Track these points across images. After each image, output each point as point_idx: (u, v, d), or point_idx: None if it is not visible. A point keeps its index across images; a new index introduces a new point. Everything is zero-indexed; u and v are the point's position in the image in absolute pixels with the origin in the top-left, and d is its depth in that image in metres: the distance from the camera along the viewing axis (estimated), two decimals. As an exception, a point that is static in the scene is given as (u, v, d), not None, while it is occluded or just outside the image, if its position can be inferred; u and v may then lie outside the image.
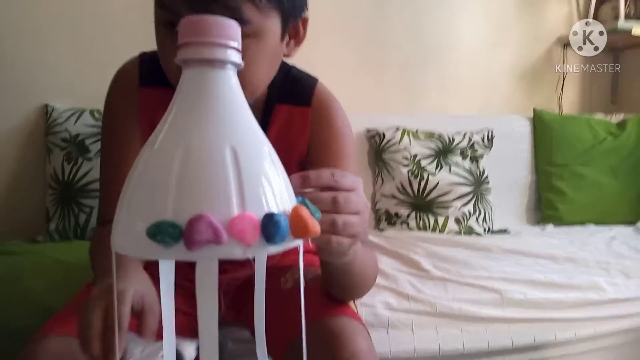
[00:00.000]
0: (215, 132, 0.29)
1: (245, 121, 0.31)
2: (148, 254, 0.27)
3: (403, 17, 2.11)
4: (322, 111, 0.82)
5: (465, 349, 1.12)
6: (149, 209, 0.28)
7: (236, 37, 0.31)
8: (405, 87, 2.14)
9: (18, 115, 1.63)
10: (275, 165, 0.31)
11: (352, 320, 0.74)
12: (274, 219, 0.28)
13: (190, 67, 0.31)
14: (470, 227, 1.75)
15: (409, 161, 1.78)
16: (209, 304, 0.30)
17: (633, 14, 2.25)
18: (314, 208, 0.34)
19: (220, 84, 0.31)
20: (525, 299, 1.21)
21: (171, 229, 0.26)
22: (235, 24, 0.31)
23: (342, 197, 0.44)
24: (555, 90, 2.39)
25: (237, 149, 0.29)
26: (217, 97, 0.30)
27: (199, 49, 0.30)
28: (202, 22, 0.30)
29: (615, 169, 2.00)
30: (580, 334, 1.22)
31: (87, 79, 1.66)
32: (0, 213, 1.62)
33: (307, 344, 0.35)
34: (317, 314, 0.74)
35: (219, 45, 0.30)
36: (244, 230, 0.27)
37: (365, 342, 0.71)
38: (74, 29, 1.67)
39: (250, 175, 0.28)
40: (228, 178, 0.28)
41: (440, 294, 1.19)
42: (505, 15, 2.28)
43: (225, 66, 0.31)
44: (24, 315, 1.06)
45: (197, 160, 0.28)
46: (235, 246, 0.27)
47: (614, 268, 1.38)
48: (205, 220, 0.26)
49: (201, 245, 0.26)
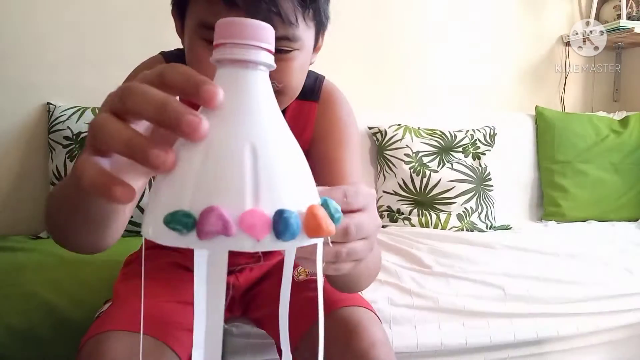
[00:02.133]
0: (237, 129, 0.30)
1: (271, 120, 0.32)
2: (165, 240, 0.29)
3: (404, 15, 2.11)
4: (328, 104, 0.83)
5: (468, 344, 1.12)
6: (170, 199, 0.29)
7: (269, 40, 0.33)
8: (407, 85, 2.14)
9: (20, 114, 1.64)
10: (298, 165, 0.32)
11: (367, 311, 0.76)
12: (283, 215, 0.29)
13: (224, 67, 0.32)
14: (473, 224, 1.75)
15: (411, 158, 1.78)
16: (216, 293, 0.31)
17: (635, 13, 2.25)
18: (335, 208, 0.34)
19: (249, 83, 0.32)
20: (528, 294, 1.21)
21: (185, 219, 0.28)
22: (269, 27, 0.33)
23: (354, 226, 0.40)
24: (558, 89, 2.39)
25: (257, 147, 0.30)
26: (244, 95, 0.32)
27: (234, 50, 0.32)
28: (238, 23, 0.32)
29: (617, 166, 2.00)
30: (583, 329, 1.22)
31: (88, 78, 1.66)
32: (4, 210, 1.63)
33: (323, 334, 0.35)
34: (333, 305, 0.76)
35: (253, 47, 0.32)
36: (254, 225, 0.28)
37: (381, 332, 0.72)
38: (74, 28, 1.68)
39: (267, 173, 0.30)
40: (244, 174, 0.29)
41: (442, 290, 1.19)
42: (508, 14, 2.28)
43: (257, 67, 0.33)
44: (24, 312, 1.06)
45: (217, 156, 0.29)
46: (246, 239, 0.28)
47: (616, 264, 1.38)
48: (216, 212, 0.28)
49: (211, 235, 0.28)
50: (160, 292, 0.78)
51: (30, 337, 1.04)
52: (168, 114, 0.29)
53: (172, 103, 0.29)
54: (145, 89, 0.30)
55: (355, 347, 0.67)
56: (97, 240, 0.55)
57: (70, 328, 1.03)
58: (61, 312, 1.06)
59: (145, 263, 0.87)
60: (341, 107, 0.84)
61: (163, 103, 0.29)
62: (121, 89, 0.31)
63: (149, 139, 0.30)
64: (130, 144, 0.29)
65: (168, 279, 0.80)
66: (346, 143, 0.80)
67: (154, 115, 0.29)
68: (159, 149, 0.29)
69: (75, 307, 1.06)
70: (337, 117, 0.82)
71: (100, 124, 0.31)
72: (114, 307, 0.76)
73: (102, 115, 0.31)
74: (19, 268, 1.19)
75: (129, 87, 0.30)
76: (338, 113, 0.83)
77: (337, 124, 0.82)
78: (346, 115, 0.84)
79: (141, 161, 0.29)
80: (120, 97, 0.31)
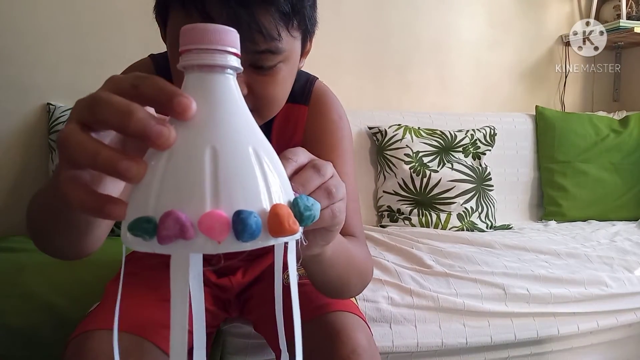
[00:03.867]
0: (200, 133, 0.30)
1: (236, 123, 0.32)
2: (133, 245, 0.29)
3: (405, 15, 2.11)
4: (318, 106, 0.81)
5: (468, 343, 1.12)
6: (136, 205, 0.30)
7: (235, 44, 0.33)
8: (407, 85, 2.14)
9: (20, 115, 1.64)
10: (265, 165, 0.32)
11: (352, 316, 0.74)
12: (240, 216, 0.29)
13: (191, 72, 0.32)
14: (473, 224, 1.75)
15: (411, 158, 1.78)
16: (180, 296, 0.30)
17: (635, 13, 2.25)
18: (306, 206, 0.34)
19: (216, 87, 0.32)
20: (528, 293, 1.21)
21: (146, 224, 0.28)
22: (233, 30, 0.33)
23: (334, 187, 0.43)
24: (558, 89, 2.40)
25: (219, 150, 0.30)
26: (210, 100, 0.32)
27: (200, 55, 0.32)
28: (201, 29, 0.32)
29: (617, 166, 2.00)
30: (583, 328, 1.22)
31: (88, 78, 1.66)
32: (4, 210, 1.63)
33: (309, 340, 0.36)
34: (318, 310, 0.74)
35: (219, 51, 0.32)
36: (213, 227, 0.28)
37: (366, 338, 0.71)
38: (74, 28, 1.68)
39: (228, 175, 0.29)
40: (204, 177, 0.29)
41: (443, 289, 1.19)
42: (507, 14, 2.28)
43: (224, 71, 0.33)
44: (24, 312, 1.06)
45: (178, 160, 0.30)
46: (207, 242, 0.28)
47: (617, 263, 1.38)
48: (173, 216, 0.28)
49: (170, 240, 0.28)
50: (146, 292, 0.78)
51: (30, 337, 1.04)
52: (134, 123, 0.28)
53: (137, 113, 0.28)
54: (113, 99, 0.29)
55: (336, 354, 0.66)
56: (79, 247, 0.54)
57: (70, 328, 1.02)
58: (61, 312, 1.06)
59: (136, 262, 0.86)
60: (332, 110, 0.82)
61: (129, 112, 0.29)
62: (90, 97, 0.30)
63: (118, 151, 0.29)
64: (98, 158, 0.29)
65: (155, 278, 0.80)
66: (337, 147, 0.79)
67: (119, 125, 0.29)
68: (128, 161, 0.29)
69: (75, 307, 1.06)
70: (328, 120, 0.81)
71: (66, 138, 0.30)
72: (101, 306, 0.76)
73: (69, 127, 0.31)
74: (19, 268, 1.19)
75: (97, 96, 0.30)
76: (329, 116, 0.81)
77: (328, 127, 0.80)
78: (338, 118, 0.82)
79: (112, 174, 0.29)
80: (89, 106, 0.30)
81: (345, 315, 0.73)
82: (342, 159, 0.79)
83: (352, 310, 0.76)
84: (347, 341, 0.68)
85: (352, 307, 0.78)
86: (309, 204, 0.34)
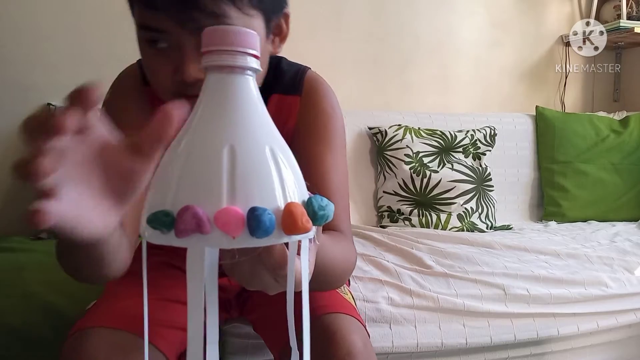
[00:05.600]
0: (218, 131, 0.32)
1: (254, 122, 0.33)
2: (151, 238, 0.31)
3: (405, 15, 2.11)
4: (311, 96, 0.80)
5: (468, 344, 1.12)
6: (155, 199, 0.31)
7: (255, 46, 0.34)
8: (407, 85, 2.15)
9: (20, 115, 1.63)
10: (280, 164, 0.33)
11: (348, 318, 0.74)
12: (255, 213, 0.30)
13: (211, 73, 0.34)
14: (473, 224, 1.75)
15: (411, 158, 1.78)
16: (196, 290, 0.32)
17: (635, 13, 2.25)
18: (320, 205, 0.34)
19: (234, 87, 0.33)
20: (528, 294, 1.21)
21: (164, 218, 0.30)
22: (254, 33, 0.34)
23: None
24: (558, 89, 2.40)
25: (236, 148, 0.31)
26: (229, 99, 0.33)
27: (221, 57, 0.33)
28: (225, 31, 0.33)
29: (617, 166, 2.00)
30: (583, 328, 1.22)
31: (88, 78, 1.66)
32: (4, 210, 1.63)
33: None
34: (314, 312, 0.74)
35: (240, 53, 0.33)
36: (228, 223, 0.29)
37: (361, 340, 0.70)
38: (74, 28, 1.68)
39: (245, 172, 0.31)
40: (221, 174, 0.30)
41: (442, 290, 1.19)
42: (507, 14, 2.28)
43: (244, 72, 0.34)
44: (24, 312, 1.06)
45: (197, 157, 0.31)
46: (222, 237, 0.29)
47: (617, 264, 1.38)
48: (191, 211, 0.29)
49: (187, 233, 0.29)
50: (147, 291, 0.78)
51: (30, 337, 1.04)
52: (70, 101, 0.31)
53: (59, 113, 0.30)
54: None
55: (331, 356, 0.66)
56: (103, 274, 0.57)
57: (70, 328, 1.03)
58: (61, 312, 1.06)
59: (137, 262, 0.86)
60: (325, 100, 0.80)
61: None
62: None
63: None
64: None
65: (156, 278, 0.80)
66: (328, 140, 0.77)
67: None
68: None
69: (75, 307, 1.06)
70: (320, 110, 0.79)
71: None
72: (100, 304, 0.76)
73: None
74: (19, 268, 1.18)
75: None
76: (321, 105, 0.79)
77: (320, 117, 0.78)
78: (330, 109, 0.80)
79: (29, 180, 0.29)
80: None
81: (341, 317, 0.73)
82: (333, 152, 0.77)
83: (348, 312, 0.75)
84: (342, 343, 0.68)
85: (348, 308, 0.77)
86: (323, 204, 0.35)
